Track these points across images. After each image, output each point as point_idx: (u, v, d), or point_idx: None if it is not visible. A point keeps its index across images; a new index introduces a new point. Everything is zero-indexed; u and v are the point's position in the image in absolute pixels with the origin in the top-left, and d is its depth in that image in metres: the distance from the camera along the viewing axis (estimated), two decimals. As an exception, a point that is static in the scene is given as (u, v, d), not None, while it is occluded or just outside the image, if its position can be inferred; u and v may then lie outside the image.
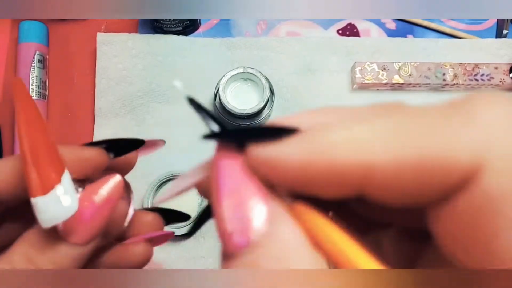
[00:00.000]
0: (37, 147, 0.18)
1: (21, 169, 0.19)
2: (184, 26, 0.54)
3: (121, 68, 0.53)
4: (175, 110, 0.53)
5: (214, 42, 0.54)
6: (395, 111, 0.14)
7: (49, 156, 0.19)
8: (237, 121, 0.49)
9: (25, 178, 0.18)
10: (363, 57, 0.54)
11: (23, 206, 0.19)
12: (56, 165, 0.19)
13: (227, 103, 0.47)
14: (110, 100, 0.53)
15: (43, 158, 0.18)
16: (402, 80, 0.52)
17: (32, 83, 0.52)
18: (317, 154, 0.13)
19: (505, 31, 0.55)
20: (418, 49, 0.55)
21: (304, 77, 0.54)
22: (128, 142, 0.22)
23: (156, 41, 0.54)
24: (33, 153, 0.18)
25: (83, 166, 0.20)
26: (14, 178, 0.20)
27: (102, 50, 0.54)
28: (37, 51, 0.53)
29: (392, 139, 0.13)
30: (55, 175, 0.18)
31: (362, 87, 0.53)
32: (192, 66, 0.54)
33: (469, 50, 0.55)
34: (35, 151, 0.18)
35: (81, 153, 0.20)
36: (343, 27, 0.56)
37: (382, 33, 0.56)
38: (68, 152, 0.20)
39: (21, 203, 0.20)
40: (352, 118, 0.14)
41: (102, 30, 0.56)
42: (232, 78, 0.48)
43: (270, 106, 0.49)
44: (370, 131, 0.13)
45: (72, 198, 0.19)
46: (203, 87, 0.53)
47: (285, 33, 0.56)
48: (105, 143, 0.22)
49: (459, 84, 0.52)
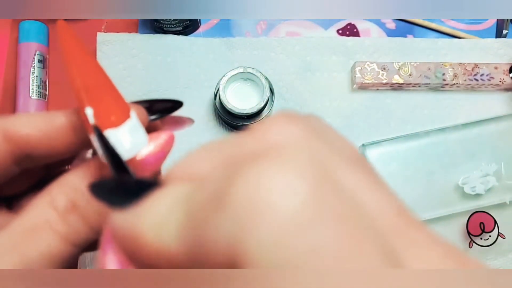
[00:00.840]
0: (98, 84, 0.18)
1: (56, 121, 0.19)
2: (184, 26, 0.54)
3: (121, 68, 0.53)
4: (175, 110, 0.53)
5: (214, 42, 0.54)
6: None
7: (113, 92, 0.19)
8: (237, 121, 0.49)
9: (83, 117, 0.18)
10: (363, 57, 0.54)
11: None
12: (124, 102, 0.19)
13: (227, 103, 0.47)
14: (110, 100, 0.53)
15: (108, 93, 0.18)
16: (402, 80, 0.52)
17: (32, 83, 0.52)
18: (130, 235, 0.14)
19: (505, 31, 0.55)
20: (418, 49, 0.55)
21: (304, 77, 0.54)
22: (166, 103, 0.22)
23: (156, 41, 0.54)
24: (96, 89, 0.18)
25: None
26: (48, 130, 0.19)
27: (102, 50, 0.54)
28: (37, 51, 0.53)
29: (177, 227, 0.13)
30: (125, 109, 0.18)
31: (362, 87, 0.53)
32: (192, 66, 0.54)
33: (469, 50, 0.55)
34: (97, 88, 0.18)
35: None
36: (343, 27, 0.56)
37: (382, 33, 0.56)
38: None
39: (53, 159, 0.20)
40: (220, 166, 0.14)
41: (102, 30, 0.55)
42: (232, 78, 0.48)
43: (270, 106, 0.49)
44: (166, 216, 0.13)
45: (143, 133, 0.19)
46: (203, 87, 0.53)
47: (285, 33, 0.56)
48: (146, 103, 0.21)
49: (459, 84, 0.53)
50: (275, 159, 0.12)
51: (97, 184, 0.16)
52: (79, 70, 0.18)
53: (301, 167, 0.11)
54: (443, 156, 0.50)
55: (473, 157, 0.50)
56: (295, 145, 0.13)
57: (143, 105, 0.21)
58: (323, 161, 0.12)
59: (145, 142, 0.19)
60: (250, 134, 0.14)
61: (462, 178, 0.49)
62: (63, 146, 0.20)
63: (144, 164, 0.19)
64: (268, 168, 0.11)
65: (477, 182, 0.49)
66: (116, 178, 0.17)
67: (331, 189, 0.12)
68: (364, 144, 0.50)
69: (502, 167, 0.49)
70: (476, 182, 0.49)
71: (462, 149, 0.50)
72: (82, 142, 0.20)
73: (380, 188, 0.14)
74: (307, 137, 0.14)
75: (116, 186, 0.16)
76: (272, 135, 0.14)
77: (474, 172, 0.49)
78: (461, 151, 0.50)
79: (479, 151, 0.50)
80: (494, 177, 0.49)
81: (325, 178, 0.12)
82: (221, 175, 0.12)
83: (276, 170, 0.11)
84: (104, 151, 0.18)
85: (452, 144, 0.50)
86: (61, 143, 0.19)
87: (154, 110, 0.21)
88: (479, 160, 0.50)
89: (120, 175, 0.17)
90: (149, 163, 0.19)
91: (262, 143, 0.14)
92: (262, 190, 0.11)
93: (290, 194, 0.11)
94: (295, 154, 0.12)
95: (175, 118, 0.23)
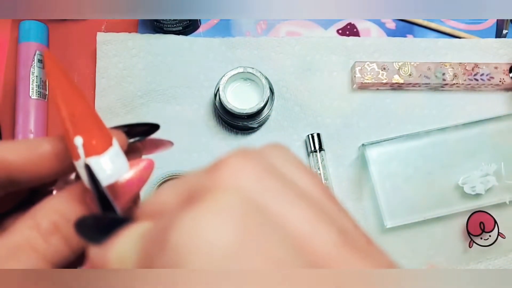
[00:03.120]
0: (83, 113, 0.19)
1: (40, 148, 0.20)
2: (184, 26, 0.54)
3: (121, 67, 0.53)
4: (175, 110, 0.53)
5: (214, 42, 0.54)
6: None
7: (97, 121, 0.20)
8: (237, 121, 0.49)
9: (70, 143, 0.19)
10: (363, 56, 0.54)
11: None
12: (106, 130, 0.20)
13: (227, 103, 0.47)
14: (110, 100, 0.53)
15: (92, 122, 0.19)
16: (402, 80, 0.52)
17: (32, 83, 0.52)
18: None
19: (505, 31, 0.55)
20: (418, 49, 0.55)
21: (304, 77, 0.54)
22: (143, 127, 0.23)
23: (156, 41, 0.54)
24: (82, 118, 0.19)
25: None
26: (32, 157, 0.20)
27: (102, 50, 0.54)
28: (37, 51, 0.53)
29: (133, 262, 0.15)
30: (108, 137, 0.20)
31: (362, 86, 0.53)
32: (192, 66, 0.54)
33: (469, 50, 0.55)
34: (82, 117, 0.19)
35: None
36: (343, 27, 0.56)
37: (382, 33, 0.56)
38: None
39: (36, 182, 0.21)
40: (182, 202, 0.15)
41: (102, 30, 0.56)
42: (232, 78, 0.48)
43: (270, 106, 0.49)
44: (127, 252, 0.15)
45: (124, 159, 0.20)
46: (203, 87, 0.53)
47: (285, 33, 0.56)
48: (125, 127, 0.22)
49: (459, 84, 0.53)
50: (209, 204, 0.14)
51: (79, 221, 0.18)
52: (65, 100, 0.19)
53: (231, 211, 0.13)
54: (443, 156, 0.50)
55: (473, 157, 0.50)
56: (233, 187, 0.15)
57: (122, 129, 0.22)
58: (258, 200, 0.14)
59: (126, 168, 0.20)
60: (207, 172, 0.16)
61: (462, 178, 0.49)
62: (47, 172, 0.21)
63: (124, 189, 0.20)
64: (202, 214, 0.13)
65: (477, 182, 0.49)
66: (94, 216, 0.18)
67: (259, 228, 0.13)
68: (364, 144, 0.50)
69: (502, 167, 0.49)
70: (476, 182, 0.49)
71: (462, 149, 0.50)
72: (66, 168, 0.21)
73: (326, 219, 0.15)
74: (257, 175, 0.15)
75: (94, 223, 0.18)
76: (224, 174, 0.15)
77: (474, 172, 0.49)
78: (461, 151, 0.50)
79: (479, 151, 0.50)
80: (494, 177, 0.49)
81: (254, 218, 0.13)
82: (167, 218, 0.14)
83: (209, 216, 0.13)
84: (87, 178, 0.19)
85: (452, 144, 0.50)
86: (45, 169, 0.20)
87: (132, 134, 0.22)
88: (479, 160, 0.50)
89: (101, 211, 0.19)
90: (128, 188, 0.20)
91: (213, 182, 0.15)
92: (194, 235, 0.13)
93: (218, 237, 0.13)
94: (228, 198, 0.14)
95: (155, 140, 0.24)
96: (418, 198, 0.49)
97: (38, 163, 0.20)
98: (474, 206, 0.49)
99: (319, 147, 0.51)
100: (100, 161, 0.19)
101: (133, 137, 0.22)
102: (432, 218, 0.50)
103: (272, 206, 0.14)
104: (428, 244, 0.51)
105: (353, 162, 0.52)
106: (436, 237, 0.51)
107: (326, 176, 0.51)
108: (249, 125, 0.50)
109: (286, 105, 0.53)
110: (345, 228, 0.15)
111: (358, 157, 0.52)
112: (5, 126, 0.53)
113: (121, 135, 0.21)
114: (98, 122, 0.20)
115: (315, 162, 0.51)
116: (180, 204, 0.15)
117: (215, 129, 0.53)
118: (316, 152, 0.51)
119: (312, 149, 0.51)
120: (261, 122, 0.51)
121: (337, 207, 0.16)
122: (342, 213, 0.16)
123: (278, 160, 0.17)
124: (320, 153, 0.51)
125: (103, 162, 0.19)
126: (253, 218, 0.13)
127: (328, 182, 0.51)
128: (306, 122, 0.53)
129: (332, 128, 0.53)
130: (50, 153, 0.20)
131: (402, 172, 0.50)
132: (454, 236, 0.51)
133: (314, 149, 0.51)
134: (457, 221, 0.51)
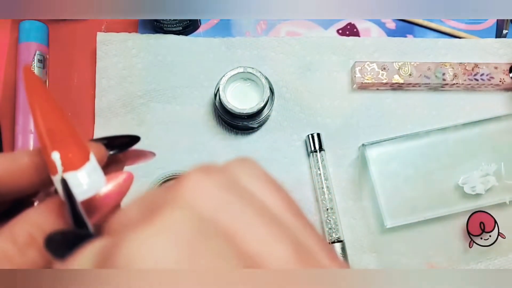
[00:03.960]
0: (61, 128, 0.20)
1: (20, 161, 0.20)
2: (184, 26, 0.54)
3: (121, 67, 0.53)
4: (175, 110, 0.53)
5: (214, 42, 0.54)
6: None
7: (75, 136, 0.20)
8: (237, 121, 0.49)
9: (48, 158, 0.19)
10: (363, 56, 0.54)
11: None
12: (84, 144, 0.20)
13: (227, 103, 0.47)
14: (110, 100, 0.53)
15: (70, 137, 0.20)
16: (402, 80, 0.52)
17: (32, 83, 0.52)
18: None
19: (505, 31, 0.55)
20: (418, 49, 0.55)
21: (304, 77, 0.54)
22: (124, 139, 0.23)
23: (156, 41, 0.54)
24: (59, 133, 0.20)
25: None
26: (12, 169, 0.20)
27: (102, 50, 0.54)
28: (37, 51, 0.53)
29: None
30: (85, 152, 0.20)
31: (362, 86, 0.53)
32: (192, 66, 0.54)
33: (469, 50, 0.55)
34: (60, 132, 0.20)
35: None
36: (343, 27, 0.56)
37: (382, 33, 0.56)
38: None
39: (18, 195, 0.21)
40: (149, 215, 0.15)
41: (102, 30, 0.56)
42: (232, 78, 0.48)
43: (270, 106, 0.49)
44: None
45: (101, 174, 0.20)
46: (203, 87, 0.53)
47: (285, 33, 0.56)
48: (105, 139, 0.22)
49: (459, 84, 0.53)
50: (156, 222, 0.14)
51: (48, 237, 0.18)
52: (43, 114, 0.20)
53: (177, 229, 0.13)
54: (443, 156, 0.50)
55: (473, 157, 0.50)
56: (188, 203, 0.15)
57: (102, 142, 0.22)
58: (212, 216, 0.14)
59: (103, 182, 0.20)
60: (168, 188, 0.16)
61: (462, 178, 0.49)
62: (27, 185, 0.21)
63: (103, 203, 0.20)
64: (148, 233, 0.13)
65: (477, 182, 0.49)
66: (62, 231, 0.18)
67: (205, 245, 0.13)
68: (364, 144, 0.50)
69: (502, 167, 0.49)
70: (476, 182, 0.49)
71: (462, 149, 0.50)
72: (45, 181, 0.21)
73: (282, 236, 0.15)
74: (215, 192, 0.15)
75: (61, 239, 0.18)
76: (182, 189, 0.15)
77: (474, 172, 0.49)
78: (461, 151, 0.50)
79: (479, 151, 0.50)
80: (494, 177, 0.49)
81: (201, 236, 0.14)
82: (119, 236, 0.14)
83: (153, 234, 0.13)
84: (62, 192, 0.19)
85: (452, 144, 0.50)
86: (25, 182, 0.21)
87: (113, 146, 0.23)
88: (479, 160, 0.50)
89: (73, 226, 0.19)
90: (107, 201, 0.21)
91: (172, 197, 0.15)
92: (137, 255, 0.13)
93: (161, 256, 0.13)
94: (177, 215, 0.14)
95: (137, 152, 0.24)
96: (418, 198, 0.49)
97: (18, 175, 0.20)
98: (474, 206, 0.49)
99: (319, 147, 0.51)
100: (77, 175, 0.19)
101: (113, 149, 0.23)
102: (432, 218, 0.50)
103: (225, 223, 0.14)
104: (428, 244, 0.51)
105: (353, 162, 0.52)
106: (436, 237, 0.51)
107: (326, 176, 0.51)
108: (249, 125, 0.50)
109: (286, 105, 0.53)
110: (304, 245, 0.15)
111: (358, 157, 0.52)
112: (5, 126, 0.53)
113: (101, 148, 0.22)
114: (76, 137, 0.20)
115: (315, 162, 0.51)
116: (140, 220, 0.15)
117: (215, 129, 0.53)
118: (316, 152, 0.51)
119: (312, 149, 0.51)
120: (261, 122, 0.51)
121: (302, 222, 0.16)
122: (306, 228, 0.16)
123: (242, 175, 0.17)
124: (320, 153, 0.51)
125: (80, 177, 0.19)
126: (200, 236, 0.13)
127: (328, 182, 0.51)
128: (306, 122, 0.53)
129: (332, 128, 0.53)
130: (30, 167, 0.20)
131: (402, 172, 0.50)
132: (454, 236, 0.51)
133: (314, 149, 0.51)
134: (457, 221, 0.51)
